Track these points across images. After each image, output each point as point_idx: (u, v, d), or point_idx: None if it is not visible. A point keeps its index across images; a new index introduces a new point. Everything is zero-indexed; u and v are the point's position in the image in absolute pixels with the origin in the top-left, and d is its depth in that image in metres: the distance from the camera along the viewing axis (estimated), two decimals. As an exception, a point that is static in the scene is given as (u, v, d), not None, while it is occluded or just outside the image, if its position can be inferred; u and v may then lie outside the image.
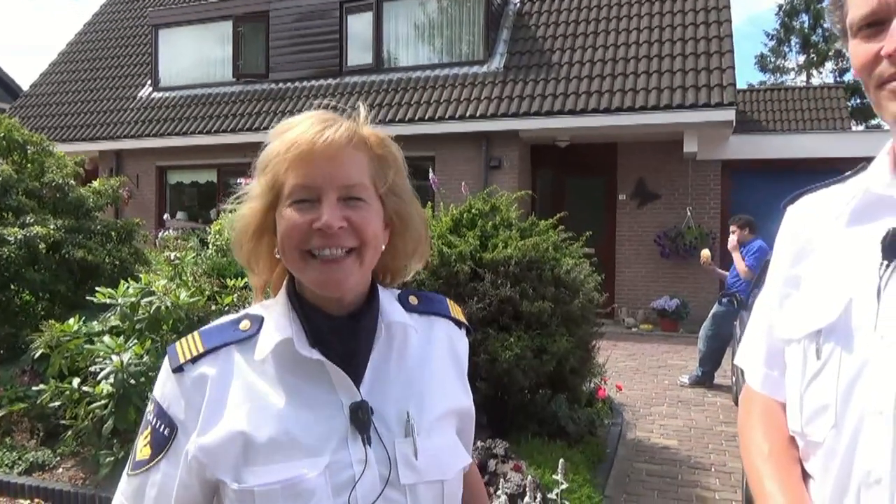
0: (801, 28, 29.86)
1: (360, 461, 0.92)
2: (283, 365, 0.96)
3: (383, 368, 1.00)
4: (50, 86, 14.74)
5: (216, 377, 0.95)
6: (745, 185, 10.27)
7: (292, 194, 0.93)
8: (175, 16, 13.34)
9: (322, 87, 11.78)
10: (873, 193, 0.95)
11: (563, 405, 4.57)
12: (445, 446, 1.01)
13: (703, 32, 10.20)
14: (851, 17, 0.92)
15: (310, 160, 0.92)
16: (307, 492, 0.89)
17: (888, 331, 0.87)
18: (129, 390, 3.43)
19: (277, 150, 0.95)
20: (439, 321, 1.11)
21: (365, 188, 0.96)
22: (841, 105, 16.08)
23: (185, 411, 0.95)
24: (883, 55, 0.87)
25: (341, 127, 0.95)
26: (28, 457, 4.03)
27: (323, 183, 0.93)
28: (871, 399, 0.87)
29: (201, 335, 0.99)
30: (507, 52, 11.03)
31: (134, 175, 12.61)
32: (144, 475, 0.97)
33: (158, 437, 0.97)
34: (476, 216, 4.62)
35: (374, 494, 0.92)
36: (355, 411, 0.93)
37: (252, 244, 1.00)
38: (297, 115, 1.00)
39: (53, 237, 5.11)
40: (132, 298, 3.78)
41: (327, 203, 0.92)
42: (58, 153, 6.14)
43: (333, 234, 0.91)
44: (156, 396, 0.99)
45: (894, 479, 0.83)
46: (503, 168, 10.34)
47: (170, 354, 0.99)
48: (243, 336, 0.98)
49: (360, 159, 0.96)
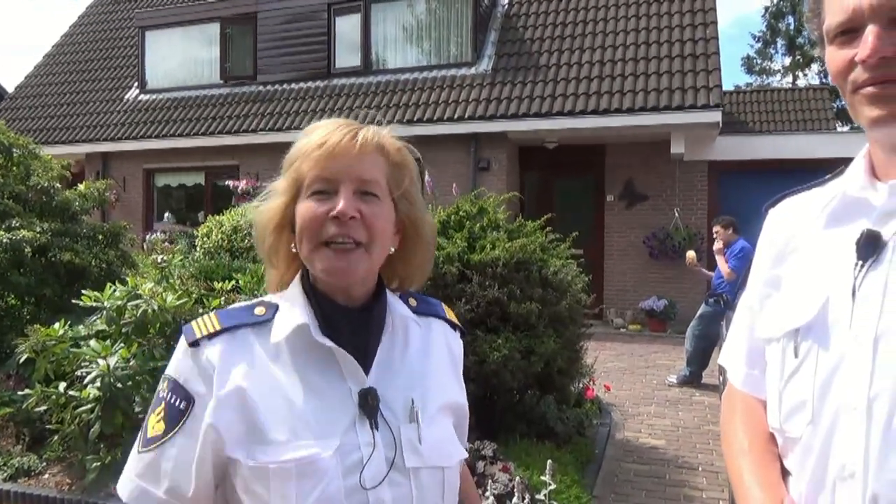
0: (787, 30, 30.12)
1: (368, 444, 0.96)
2: (296, 350, 1.00)
3: (389, 359, 1.05)
4: (35, 88, 14.62)
5: (231, 354, 0.99)
6: (732, 185, 10.34)
7: (312, 185, 1.00)
8: (162, 17, 13.27)
9: (310, 89, 11.76)
10: (849, 196, 0.98)
11: (552, 406, 4.59)
12: (446, 437, 1.06)
13: (689, 34, 10.26)
14: (828, 25, 0.95)
15: (332, 156, 0.99)
16: (320, 471, 0.93)
17: (862, 329, 0.89)
18: (116, 394, 3.40)
19: (304, 148, 1.02)
20: (437, 322, 1.16)
21: (379, 185, 1.02)
22: (826, 106, 16.23)
23: (202, 384, 0.97)
24: (857, 61, 0.90)
25: (364, 131, 1.03)
26: (13, 462, 4.00)
27: (341, 176, 0.99)
28: (846, 395, 0.89)
29: (218, 315, 1.02)
30: (496, 54, 11.06)
31: (121, 178, 12.53)
32: (159, 450, 0.98)
33: (173, 412, 0.98)
34: (464, 218, 4.64)
35: (381, 476, 0.96)
36: (364, 397, 0.98)
37: (273, 238, 1.05)
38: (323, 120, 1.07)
39: (39, 241, 5.07)
40: (119, 302, 3.75)
41: (344, 193, 0.98)
42: (44, 156, 6.10)
43: (346, 222, 0.97)
44: (170, 373, 1.02)
45: (867, 472, 0.85)
46: (492, 169, 10.36)
47: (185, 332, 1.02)
48: (259, 320, 1.02)
49: (379, 161, 1.03)
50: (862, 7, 0.89)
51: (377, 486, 0.95)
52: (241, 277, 4.43)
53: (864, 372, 0.88)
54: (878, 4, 0.88)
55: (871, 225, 0.93)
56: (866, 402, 0.87)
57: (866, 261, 0.91)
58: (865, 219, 0.95)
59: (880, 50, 0.87)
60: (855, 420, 0.87)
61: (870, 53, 0.88)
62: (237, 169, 11.62)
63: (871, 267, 0.91)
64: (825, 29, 0.96)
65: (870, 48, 0.88)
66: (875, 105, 0.90)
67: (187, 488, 0.96)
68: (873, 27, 0.88)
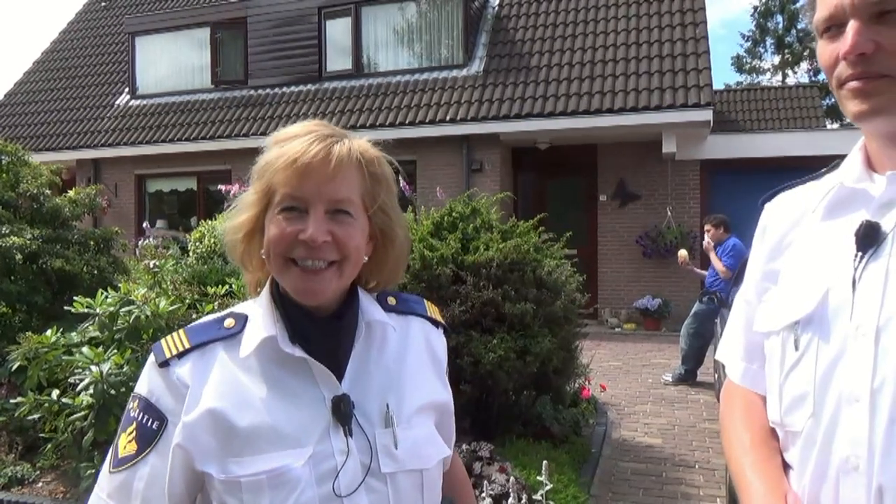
0: (776, 29, 30.28)
1: (342, 451, 0.95)
2: (267, 361, 0.99)
3: (363, 364, 1.04)
4: (25, 94, 14.54)
5: (202, 371, 0.98)
6: (724, 183, 10.39)
7: (282, 202, 0.97)
8: (152, 23, 13.23)
9: (301, 93, 11.74)
10: (846, 188, 0.99)
11: (548, 406, 4.58)
12: (424, 437, 1.05)
13: (679, 34, 10.30)
14: (816, 19, 0.97)
15: (304, 174, 0.95)
16: (292, 481, 0.92)
17: (864, 320, 0.89)
18: (110, 401, 3.38)
19: (275, 161, 0.98)
20: (416, 320, 1.15)
21: (352, 203, 0.99)
22: (816, 104, 16.31)
23: (173, 402, 0.97)
24: (840, 57, 0.92)
25: (339, 145, 0.98)
26: (7, 471, 3.97)
27: (312, 196, 0.96)
28: (849, 387, 0.89)
29: (187, 332, 1.02)
30: (487, 56, 11.07)
31: (112, 184, 12.48)
32: (131, 470, 0.97)
33: (146, 432, 0.97)
34: (457, 219, 4.63)
35: (356, 483, 0.95)
36: (337, 404, 0.97)
37: (244, 246, 1.04)
38: (297, 123, 1.03)
39: (30, 247, 5.03)
40: (111, 308, 3.73)
41: (314, 216, 0.95)
42: (32, 163, 6.06)
43: (317, 247, 0.95)
44: (140, 392, 1.00)
45: (872, 464, 0.85)
46: (484, 171, 10.36)
47: (155, 351, 1.01)
48: (228, 334, 1.01)
49: (353, 176, 0.99)
50: (843, 3, 0.91)
51: (352, 493, 0.94)
52: (235, 282, 4.41)
53: (867, 363, 0.87)
54: (859, 0, 0.89)
55: (869, 216, 0.93)
56: (870, 394, 0.86)
57: (866, 252, 0.91)
58: (864, 210, 0.95)
59: (859, 46, 0.89)
60: (858, 412, 0.87)
61: (848, 50, 0.90)
62: (229, 173, 11.57)
63: (872, 258, 0.91)
64: (814, 23, 0.97)
65: (848, 44, 0.90)
66: (857, 100, 0.92)
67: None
68: (854, 23, 0.90)
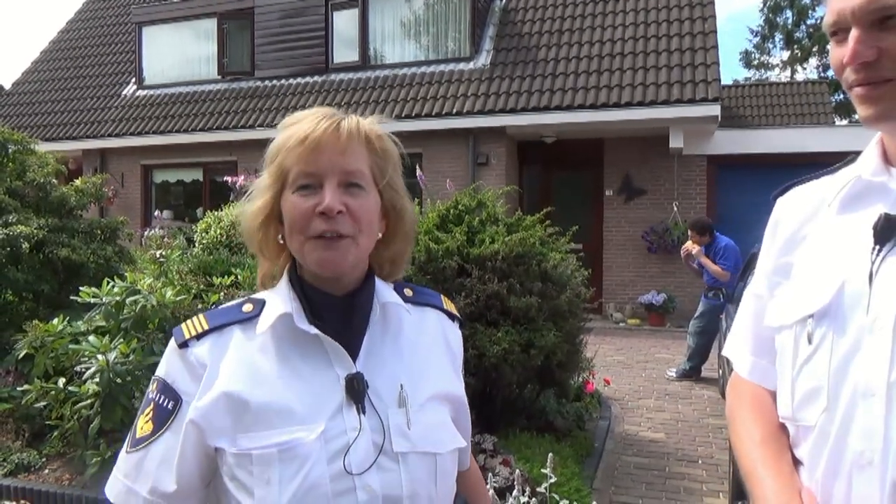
0: (785, 24, 30.08)
1: (354, 428, 0.96)
2: (282, 340, 1.01)
3: (378, 345, 1.05)
4: (33, 84, 14.57)
5: (218, 351, 1.00)
6: (730, 179, 10.35)
7: (297, 180, 1.00)
8: (159, 13, 13.23)
9: (308, 84, 11.73)
10: (864, 180, 0.98)
11: (552, 400, 4.59)
12: (438, 423, 1.05)
13: (687, 28, 10.25)
14: (824, 24, 0.98)
15: (315, 150, 0.98)
16: (303, 455, 0.93)
17: (881, 313, 0.88)
18: (116, 389, 3.39)
19: (285, 142, 1.01)
20: (432, 311, 1.16)
21: (363, 175, 1.02)
22: (825, 100, 16.23)
23: (189, 383, 0.99)
24: (844, 64, 0.92)
25: (346, 121, 1.02)
26: (13, 458, 3.99)
27: (325, 170, 0.99)
28: (864, 381, 0.88)
29: (206, 316, 1.04)
30: (494, 49, 11.03)
31: (119, 174, 12.51)
32: (145, 450, 0.99)
33: (161, 412, 0.99)
34: (463, 212, 4.62)
35: (369, 461, 0.95)
36: (350, 382, 0.98)
37: (261, 233, 1.06)
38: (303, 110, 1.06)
39: (36, 236, 5.05)
40: (117, 297, 3.74)
41: (329, 187, 0.98)
42: (39, 152, 6.08)
43: (333, 217, 0.97)
44: (159, 375, 1.03)
45: (885, 460, 0.84)
46: (490, 164, 10.35)
47: (175, 334, 1.03)
48: (245, 317, 1.03)
49: (362, 151, 1.03)
50: (845, 11, 0.92)
51: (364, 471, 0.94)
52: (241, 272, 4.42)
53: (884, 357, 0.87)
54: (859, 8, 0.90)
55: (888, 209, 0.93)
56: (886, 388, 0.85)
57: (884, 245, 0.91)
58: (882, 203, 0.94)
59: (860, 55, 0.90)
60: (874, 406, 0.86)
61: (850, 58, 0.91)
62: (235, 165, 11.59)
63: (890, 251, 0.90)
64: (823, 26, 0.98)
65: (849, 53, 0.91)
66: (864, 105, 0.93)
67: (169, 486, 0.97)
68: (855, 31, 0.91)
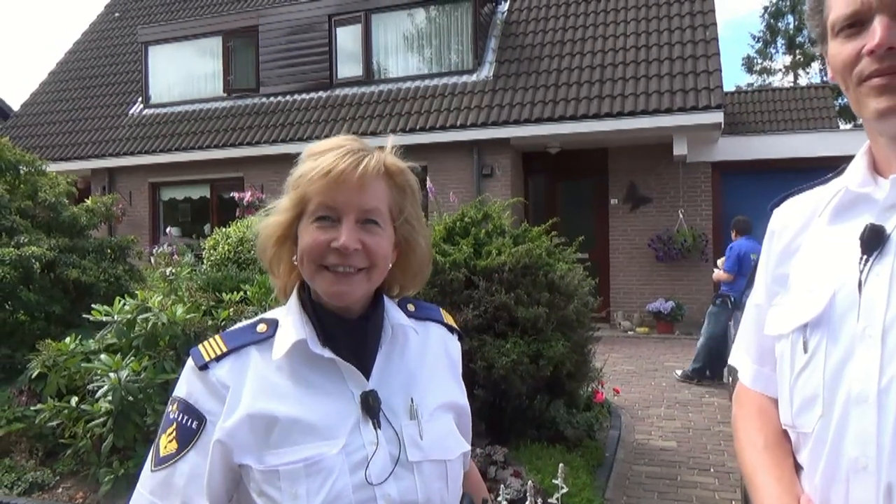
0: (787, 30, 30.11)
1: (371, 442, 1.02)
2: (298, 362, 1.05)
3: (389, 363, 1.11)
4: (41, 105, 14.73)
5: (239, 372, 1.05)
6: (736, 185, 10.34)
7: (316, 211, 1.04)
8: (165, 33, 13.37)
9: (313, 100, 11.82)
10: (851, 192, 1.00)
11: (561, 410, 4.59)
12: (446, 432, 1.12)
13: (689, 36, 10.29)
14: (834, 18, 0.97)
15: (336, 185, 1.02)
16: (327, 469, 0.98)
17: (870, 322, 0.90)
18: (128, 407, 3.43)
19: (310, 172, 1.04)
20: (434, 326, 1.22)
21: (381, 213, 1.06)
22: (828, 104, 16.20)
23: (213, 403, 1.03)
24: (864, 52, 0.92)
25: (369, 158, 1.05)
26: (27, 477, 4.02)
27: (344, 205, 1.03)
28: (856, 388, 0.90)
29: (223, 337, 1.09)
30: (496, 61, 11.09)
31: (127, 192, 12.60)
32: (171, 468, 1.02)
33: (185, 431, 1.03)
34: (469, 224, 4.65)
35: (387, 472, 1.02)
36: (365, 399, 1.04)
37: (275, 249, 1.10)
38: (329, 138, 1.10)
39: (47, 257, 5.11)
40: (128, 315, 3.78)
41: (346, 225, 1.03)
42: (50, 173, 6.15)
43: (349, 254, 1.02)
44: (179, 395, 1.06)
45: (880, 464, 0.86)
46: (495, 176, 10.38)
47: (193, 356, 1.07)
48: (261, 338, 1.08)
49: (382, 188, 1.07)
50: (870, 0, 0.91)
51: (383, 481, 1.00)
52: (249, 288, 4.46)
53: (874, 364, 0.89)
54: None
55: (874, 219, 0.95)
56: (877, 394, 0.88)
57: (871, 254, 0.93)
58: (868, 213, 0.96)
59: (889, 40, 0.89)
60: (866, 412, 0.88)
61: (878, 43, 0.89)
62: (242, 181, 11.67)
63: (876, 260, 0.92)
64: (830, 22, 0.98)
65: (878, 38, 0.90)
66: (882, 96, 0.91)
67: (200, 502, 1.01)
68: (882, 17, 0.90)
